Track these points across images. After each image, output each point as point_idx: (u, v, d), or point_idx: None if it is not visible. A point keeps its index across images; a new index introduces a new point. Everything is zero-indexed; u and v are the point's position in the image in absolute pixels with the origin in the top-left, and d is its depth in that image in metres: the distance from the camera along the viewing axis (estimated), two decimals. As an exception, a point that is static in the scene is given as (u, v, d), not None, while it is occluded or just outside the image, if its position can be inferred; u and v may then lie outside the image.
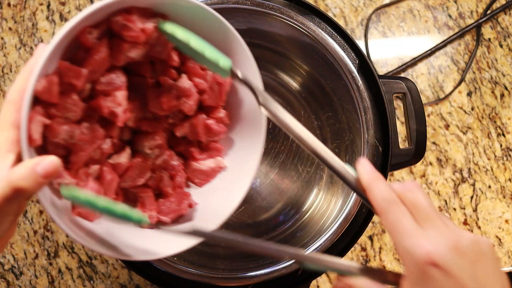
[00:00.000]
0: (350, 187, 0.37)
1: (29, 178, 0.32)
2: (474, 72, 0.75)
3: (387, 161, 0.53)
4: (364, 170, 0.36)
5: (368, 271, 0.37)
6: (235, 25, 0.40)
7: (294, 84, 0.67)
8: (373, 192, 0.35)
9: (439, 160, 0.73)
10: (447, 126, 0.74)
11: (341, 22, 0.76)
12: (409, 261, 0.32)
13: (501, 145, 0.74)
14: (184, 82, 0.42)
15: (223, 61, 0.38)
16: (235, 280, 0.52)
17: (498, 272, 0.34)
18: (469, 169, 0.73)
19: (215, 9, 0.39)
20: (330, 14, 0.75)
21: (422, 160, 0.71)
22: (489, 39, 0.76)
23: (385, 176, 0.53)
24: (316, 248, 0.52)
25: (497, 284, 0.33)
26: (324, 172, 0.65)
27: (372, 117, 0.53)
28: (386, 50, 0.76)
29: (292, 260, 0.48)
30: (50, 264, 0.69)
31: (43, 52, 0.34)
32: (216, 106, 0.44)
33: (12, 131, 0.34)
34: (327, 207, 0.61)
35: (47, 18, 0.74)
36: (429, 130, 0.73)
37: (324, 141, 0.65)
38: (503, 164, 0.73)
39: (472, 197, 0.72)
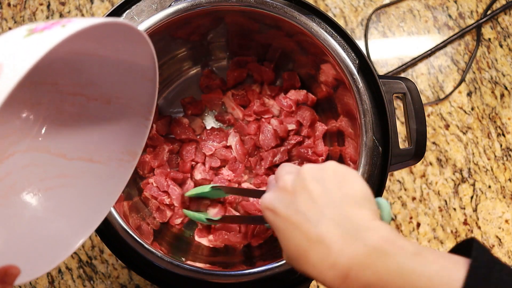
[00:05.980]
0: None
1: None
2: (474, 72, 0.75)
3: (387, 161, 0.53)
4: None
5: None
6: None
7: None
8: None
9: (439, 160, 0.73)
10: (447, 126, 0.74)
11: (341, 22, 0.76)
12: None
13: (501, 145, 0.74)
14: None
15: None
16: (233, 277, 0.52)
17: (324, 196, 0.34)
18: (469, 169, 0.73)
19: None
20: (330, 14, 0.75)
21: (422, 160, 0.71)
22: (489, 39, 0.76)
23: (385, 176, 0.53)
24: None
25: (315, 209, 0.34)
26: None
27: (372, 117, 0.53)
28: (386, 50, 0.76)
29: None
30: (50, 264, 0.69)
31: None
32: None
33: None
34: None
35: (47, 18, 0.74)
36: (429, 130, 0.73)
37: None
38: (503, 164, 0.73)
39: (472, 197, 0.72)
